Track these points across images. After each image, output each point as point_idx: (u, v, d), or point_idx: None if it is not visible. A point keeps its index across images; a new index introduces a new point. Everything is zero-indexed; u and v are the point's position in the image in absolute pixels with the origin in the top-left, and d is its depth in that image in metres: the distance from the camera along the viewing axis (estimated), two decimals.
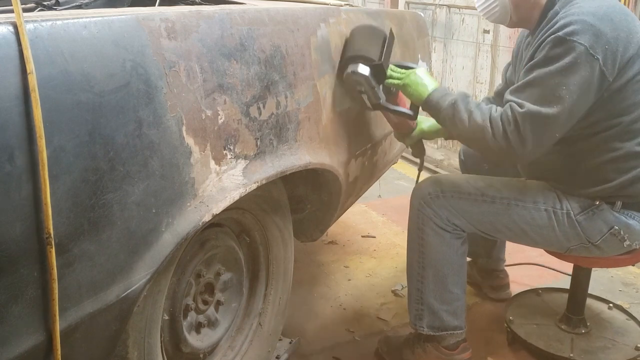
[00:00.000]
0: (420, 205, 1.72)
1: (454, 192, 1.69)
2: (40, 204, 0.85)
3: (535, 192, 1.67)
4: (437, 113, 1.61)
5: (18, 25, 0.82)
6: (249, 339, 1.68)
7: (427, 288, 1.75)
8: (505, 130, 1.49)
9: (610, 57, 1.46)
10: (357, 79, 1.59)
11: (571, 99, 1.46)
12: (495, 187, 1.69)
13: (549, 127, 1.49)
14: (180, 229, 1.09)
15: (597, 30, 1.45)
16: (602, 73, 1.46)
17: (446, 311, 1.75)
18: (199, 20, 1.14)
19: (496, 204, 1.67)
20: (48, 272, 0.88)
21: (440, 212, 1.69)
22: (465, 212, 1.69)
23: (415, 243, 1.75)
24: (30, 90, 0.82)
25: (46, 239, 0.86)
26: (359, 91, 1.63)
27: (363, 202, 3.14)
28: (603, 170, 1.59)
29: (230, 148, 1.20)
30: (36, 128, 0.82)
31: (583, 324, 1.97)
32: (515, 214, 1.65)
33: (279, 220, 1.66)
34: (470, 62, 3.94)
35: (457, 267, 1.74)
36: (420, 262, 1.75)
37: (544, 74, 1.48)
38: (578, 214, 1.62)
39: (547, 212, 1.64)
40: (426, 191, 1.71)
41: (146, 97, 1.00)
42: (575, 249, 1.68)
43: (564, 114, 1.47)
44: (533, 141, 1.49)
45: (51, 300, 0.89)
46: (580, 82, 1.45)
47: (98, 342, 1.03)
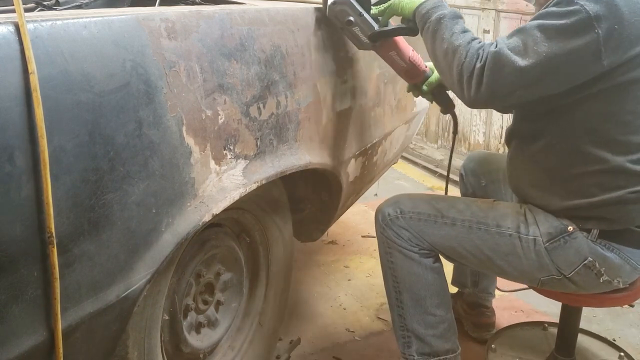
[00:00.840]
0: (381, 228, 1.60)
1: (412, 212, 1.56)
2: (42, 203, 0.85)
3: (500, 215, 1.51)
4: (424, 24, 1.46)
5: (20, 26, 0.82)
6: (249, 339, 1.68)
7: (408, 313, 1.61)
8: (474, 67, 1.33)
9: (616, 38, 1.25)
10: (340, 7, 1.49)
11: (548, 60, 1.27)
12: (457, 208, 1.55)
13: (510, 76, 1.30)
14: (180, 229, 1.09)
15: (613, 5, 1.24)
16: (597, 52, 1.26)
17: (433, 336, 1.60)
18: (199, 20, 1.14)
19: (457, 227, 1.52)
20: (50, 272, 0.88)
21: (401, 234, 1.56)
22: (425, 234, 1.55)
23: (386, 268, 1.62)
24: (31, 90, 0.82)
25: (48, 238, 0.86)
26: (348, 24, 1.51)
27: (363, 202, 3.13)
28: (586, 182, 1.40)
29: (230, 148, 1.20)
30: (38, 128, 0.83)
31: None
32: (477, 238, 1.50)
33: (279, 220, 1.66)
34: None
35: (434, 287, 1.59)
36: (395, 287, 1.62)
37: (534, 25, 1.31)
38: (547, 242, 1.44)
39: (511, 238, 1.47)
40: (385, 212, 1.59)
41: (146, 97, 1.00)
42: (547, 282, 1.49)
43: (534, 71, 1.28)
44: (489, 85, 1.32)
45: (53, 300, 0.89)
46: (567, 50, 1.26)
47: (98, 342, 1.03)
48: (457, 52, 1.37)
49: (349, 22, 1.51)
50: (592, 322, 2.14)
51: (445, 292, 1.62)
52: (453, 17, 1.42)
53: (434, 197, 1.64)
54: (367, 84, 1.80)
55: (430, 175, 3.88)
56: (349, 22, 1.51)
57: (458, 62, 1.36)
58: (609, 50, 1.26)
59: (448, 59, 1.39)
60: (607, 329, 2.11)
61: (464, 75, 1.35)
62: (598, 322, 2.16)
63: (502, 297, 2.25)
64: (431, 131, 4.33)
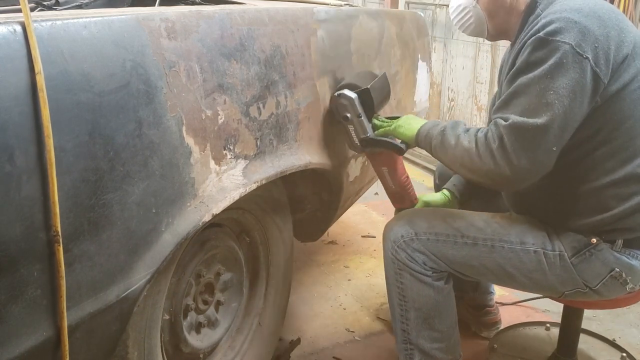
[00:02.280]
0: (393, 250, 1.52)
1: (429, 234, 1.49)
2: (47, 202, 0.85)
3: (522, 231, 1.46)
4: (429, 143, 1.47)
5: (26, 26, 0.83)
6: (249, 339, 1.68)
7: (413, 330, 1.56)
8: (491, 149, 1.32)
9: (603, 56, 1.27)
10: (342, 101, 1.54)
11: (562, 104, 1.27)
12: (477, 227, 1.48)
13: (540, 139, 1.28)
14: (180, 229, 1.09)
15: (583, 27, 1.27)
16: (595, 75, 1.27)
17: (438, 349, 1.57)
18: (199, 20, 1.14)
19: (478, 246, 1.46)
20: (56, 270, 0.88)
21: (415, 257, 1.49)
22: (443, 256, 1.49)
23: (394, 287, 1.56)
24: (38, 90, 0.82)
25: (54, 237, 0.86)
26: (345, 118, 1.55)
27: (363, 202, 3.13)
28: (601, 196, 1.37)
29: (230, 148, 1.20)
30: (44, 127, 0.83)
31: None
32: (501, 257, 1.45)
33: (279, 220, 1.66)
34: (470, 62, 3.94)
35: (443, 307, 1.54)
36: (401, 305, 1.56)
37: (527, 81, 1.30)
38: (573, 256, 1.41)
39: (536, 254, 1.43)
40: (398, 234, 1.51)
41: (146, 97, 1.00)
42: (570, 295, 1.47)
43: (556, 122, 1.27)
44: (525, 158, 1.29)
45: (59, 297, 0.89)
46: (570, 84, 1.26)
47: (98, 342, 1.03)
48: (470, 152, 1.36)
49: (345, 118, 1.55)
50: (592, 321, 2.14)
51: (453, 310, 1.59)
52: (453, 126, 1.43)
53: (450, 215, 1.56)
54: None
55: (430, 175, 3.88)
56: (345, 118, 1.55)
57: (475, 159, 1.35)
58: (602, 68, 1.28)
59: (466, 163, 1.38)
60: (607, 329, 2.11)
61: (488, 165, 1.33)
62: (598, 322, 2.15)
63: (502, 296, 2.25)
64: None
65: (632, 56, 1.33)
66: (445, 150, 1.42)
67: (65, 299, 0.90)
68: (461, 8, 1.53)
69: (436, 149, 1.45)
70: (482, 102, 3.86)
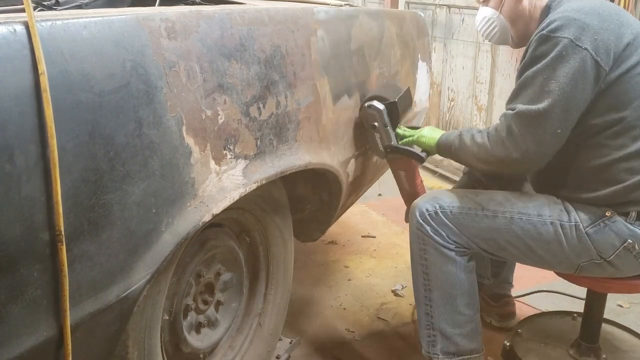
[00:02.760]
0: (418, 224, 1.61)
1: (452, 207, 1.59)
2: (50, 201, 0.85)
3: (540, 204, 1.55)
4: (449, 149, 1.64)
5: (30, 26, 0.83)
6: (249, 339, 1.68)
7: (436, 312, 1.63)
8: (501, 137, 1.47)
9: (602, 46, 1.41)
10: (371, 112, 1.72)
11: (562, 90, 1.40)
12: (497, 201, 1.58)
13: (544, 123, 1.42)
14: (180, 229, 1.09)
15: (582, 23, 1.42)
16: (596, 63, 1.40)
17: (460, 335, 1.62)
18: (199, 20, 1.14)
19: (498, 218, 1.55)
20: (58, 269, 0.88)
21: (440, 230, 1.58)
22: (465, 228, 1.57)
23: (418, 265, 1.64)
24: (42, 90, 0.83)
25: (57, 235, 0.87)
26: (372, 127, 1.74)
27: (363, 202, 3.13)
28: (613, 170, 1.47)
29: (230, 148, 1.20)
30: (47, 127, 0.83)
31: (594, 354, 1.78)
32: (519, 229, 1.53)
33: (279, 220, 1.65)
34: (470, 62, 3.94)
35: (466, 286, 1.61)
36: (426, 284, 1.64)
37: (532, 73, 1.45)
38: (587, 227, 1.49)
39: (553, 226, 1.51)
40: (424, 208, 1.61)
41: (146, 97, 1.00)
42: (586, 267, 1.53)
43: (558, 107, 1.41)
44: (532, 141, 1.43)
45: (62, 297, 0.90)
46: (570, 72, 1.40)
47: (98, 342, 1.03)
48: (484, 146, 1.52)
49: (372, 127, 1.75)
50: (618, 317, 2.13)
51: (475, 292, 1.65)
52: (468, 130, 1.60)
53: (472, 192, 1.68)
54: (366, 84, 1.80)
55: (430, 175, 3.88)
56: (372, 127, 1.75)
57: (488, 150, 1.51)
58: (602, 56, 1.41)
59: (481, 156, 1.54)
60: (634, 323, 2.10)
61: (500, 152, 1.48)
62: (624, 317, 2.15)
63: None
64: None
65: (634, 45, 1.45)
66: (463, 150, 1.59)
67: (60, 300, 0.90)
68: (487, 19, 1.68)
69: (456, 152, 1.62)
70: (482, 102, 3.86)
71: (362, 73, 1.76)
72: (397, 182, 1.89)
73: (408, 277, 2.45)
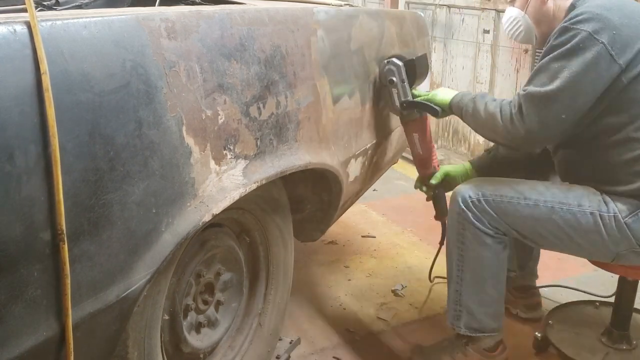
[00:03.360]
0: (460, 209, 1.68)
1: (495, 195, 1.66)
2: (52, 201, 0.85)
3: (579, 195, 1.61)
4: (460, 109, 1.72)
5: (32, 27, 0.83)
6: (249, 339, 1.68)
7: (465, 290, 1.74)
8: (511, 114, 1.56)
9: (619, 41, 1.47)
10: (390, 67, 1.82)
11: (573, 78, 1.48)
12: (538, 190, 1.64)
13: (550, 105, 1.51)
14: (180, 229, 1.09)
15: (604, 17, 1.49)
16: (610, 57, 1.47)
17: (484, 313, 1.74)
18: (199, 20, 1.14)
19: (539, 208, 1.61)
20: (60, 268, 0.88)
21: (482, 216, 1.66)
22: (507, 216, 1.65)
23: (454, 246, 1.73)
24: (44, 90, 0.83)
25: (59, 235, 0.87)
26: (390, 82, 1.82)
27: (363, 202, 3.13)
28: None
29: (230, 148, 1.20)
30: (49, 127, 0.83)
31: (626, 340, 1.86)
32: (560, 218, 1.60)
33: (279, 220, 1.65)
34: (470, 62, 3.94)
35: (496, 271, 1.72)
36: (459, 265, 1.73)
37: (548, 60, 1.54)
38: (627, 217, 1.54)
39: (593, 216, 1.57)
40: (467, 194, 1.68)
41: (146, 97, 1.00)
42: (624, 255, 1.59)
43: (566, 92, 1.49)
44: (537, 122, 1.52)
45: (64, 296, 0.90)
46: (583, 63, 1.47)
47: (98, 342, 1.03)
48: (495, 116, 1.61)
49: (390, 82, 1.83)
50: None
51: (503, 277, 1.75)
52: (483, 96, 1.69)
53: (514, 181, 1.72)
54: (367, 84, 1.80)
55: None
56: (390, 82, 1.83)
57: (498, 122, 1.60)
58: (618, 51, 1.48)
59: (489, 125, 1.64)
60: None
61: (507, 127, 1.58)
62: None
63: None
64: (431, 131, 4.33)
65: None
66: (474, 114, 1.68)
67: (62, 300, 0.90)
68: (512, 18, 1.77)
69: (467, 114, 1.70)
70: None
71: (362, 73, 1.76)
72: (410, 146, 1.96)
73: (408, 277, 2.47)
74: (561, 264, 2.47)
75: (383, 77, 1.84)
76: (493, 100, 1.65)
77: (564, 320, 2.00)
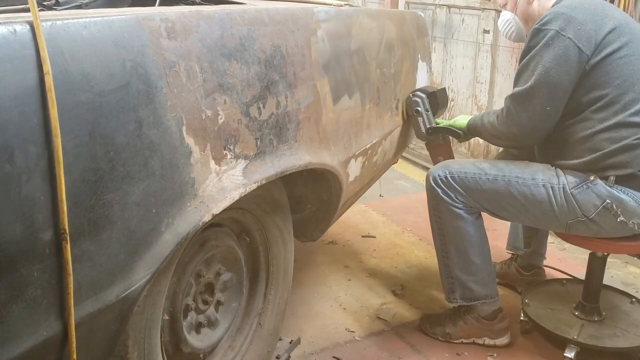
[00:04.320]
0: (431, 187, 1.89)
1: (460, 172, 1.86)
2: (55, 200, 0.86)
3: (535, 170, 1.80)
4: (475, 129, 1.99)
5: (35, 27, 0.83)
6: (249, 339, 1.68)
7: (452, 262, 1.92)
8: (503, 117, 1.81)
9: (584, 35, 1.67)
10: (415, 99, 2.12)
11: (547, 72, 1.68)
12: (498, 167, 1.85)
13: (532, 100, 1.71)
14: (180, 229, 1.09)
15: (568, 16, 1.69)
16: (578, 49, 1.66)
17: (473, 281, 1.91)
18: (199, 20, 1.14)
19: (498, 181, 1.81)
20: (63, 267, 0.88)
21: (449, 192, 1.86)
22: (471, 190, 1.84)
23: (434, 223, 1.93)
24: (46, 90, 0.83)
25: (61, 234, 0.87)
26: (416, 112, 2.12)
27: (363, 202, 3.13)
28: (596, 139, 1.70)
29: (230, 148, 1.20)
30: (52, 127, 0.83)
31: (597, 312, 2.02)
32: (516, 191, 1.79)
33: (279, 220, 1.65)
34: (470, 62, 3.94)
35: (475, 239, 1.89)
36: (441, 239, 1.93)
37: (526, 61, 1.75)
38: (573, 188, 1.73)
39: (545, 188, 1.76)
40: (436, 174, 1.89)
41: (146, 97, 1.00)
42: (573, 225, 1.77)
43: (544, 86, 1.69)
44: (525, 117, 1.74)
45: (67, 295, 0.90)
46: (554, 57, 1.67)
47: (98, 342, 1.03)
48: (493, 124, 1.88)
49: (416, 112, 2.13)
50: None
51: (484, 244, 1.93)
52: (488, 112, 1.94)
53: (479, 160, 1.96)
54: (367, 84, 1.80)
55: None
56: (416, 112, 2.13)
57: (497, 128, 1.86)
58: (584, 42, 1.67)
59: (494, 133, 1.90)
60: None
61: (503, 129, 1.83)
62: None
63: None
64: None
65: (615, 34, 1.70)
66: (483, 129, 1.94)
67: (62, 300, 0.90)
68: (506, 20, 1.96)
69: (479, 131, 1.98)
70: (482, 102, 3.86)
71: (362, 73, 1.76)
72: None
73: (408, 277, 2.47)
74: None
75: (409, 107, 2.12)
76: (494, 113, 1.88)
77: (538, 298, 2.14)
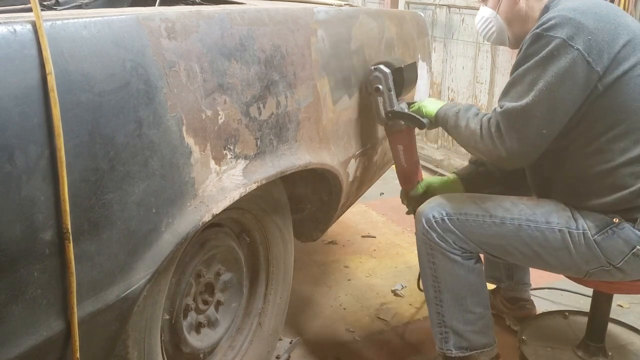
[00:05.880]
0: (424, 230, 1.60)
1: (459, 214, 1.58)
2: (58, 200, 0.86)
3: (547, 211, 1.53)
4: (445, 122, 1.63)
5: (38, 27, 0.83)
6: (249, 339, 1.68)
7: (447, 311, 1.65)
8: (490, 132, 1.47)
9: (595, 47, 1.38)
10: (376, 74, 1.71)
11: (549, 89, 1.39)
12: (504, 207, 1.56)
13: (528, 120, 1.42)
14: (180, 229, 1.09)
15: (577, 22, 1.39)
16: (587, 64, 1.38)
17: (471, 331, 1.65)
18: (199, 20, 1.14)
19: (506, 226, 1.54)
20: (66, 266, 0.89)
21: (446, 237, 1.58)
22: (473, 235, 1.57)
23: (426, 268, 1.65)
24: (49, 90, 0.83)
25: (64, 233, 0.87)
26: (376, 90, 1.72)
27: (363, 202, 3.13)
28: (618, 175, 1.44)
29: (230, 148, 1.20)
30: (55, 127, 0.84)
31: (602, 353, 1.80)
32: (527, 236, 1.52)
33: (279, 220, 1.66)
34: (470, 62, 3.94)
35: (475, 287, 1.63)
36: (435, 286, 1.64)
37: (522, 71, 1.45)
38: (596, 234, 1.47)
39: (561, 233, 1.49)
40: (430, 214, 1.60)
41: (146, 97, 1.00)
42: (595, 273, 1.52)
43: (543, 105, 1.40)
44: (517, 140, 1.44)
45: (69, 294, 0.90)
46: (559, 72, 1.38)
47: (98, 341, 1.03)
48: (475, 134, 1.52)
49: (376, 89, 1.72)
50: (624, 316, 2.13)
51: (484, 291, 1.66)
52: (466, 109, 1.59)
53: (479, 197, 1.64)
54: None
55: (431, 175, 3.88)
56: (376, 89, 1.72)
57: (479, 140, 1.51)
58: (595, 57, 1.39)
59: (471, 142, 1.55)
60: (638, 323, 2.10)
61: (488, 147, 1.49)
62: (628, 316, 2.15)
63: None
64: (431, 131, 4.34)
65: (631, 46, 1.43)
66: (457, 130, 1.59)
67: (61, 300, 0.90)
68: (484, 19, 1.67)
69: (450, 129, 1.62)
70: (482, 102, 3.86)
71: (362, 73, 1.76)
72: (394, 158, 1.87)
73: (408, 277, 2.47)
74: None
75: (369, 84, 1.73)
76: (475, 115, 1.56)
77: (537, 335, 1.93)
